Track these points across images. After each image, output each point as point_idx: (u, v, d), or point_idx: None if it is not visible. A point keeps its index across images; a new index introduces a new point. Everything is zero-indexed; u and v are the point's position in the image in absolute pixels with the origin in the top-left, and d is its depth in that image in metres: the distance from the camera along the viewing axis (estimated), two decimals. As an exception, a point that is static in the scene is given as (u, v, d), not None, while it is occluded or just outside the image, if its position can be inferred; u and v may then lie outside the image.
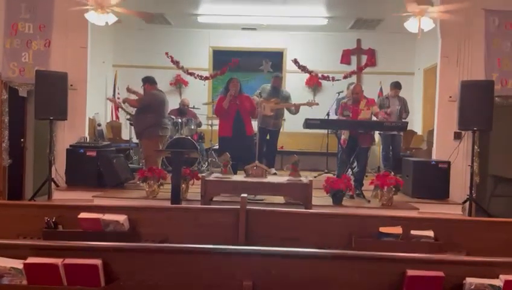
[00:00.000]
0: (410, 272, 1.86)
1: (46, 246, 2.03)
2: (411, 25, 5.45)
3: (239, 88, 5.81)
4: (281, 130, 7.48)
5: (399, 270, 1.90)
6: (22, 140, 6.52)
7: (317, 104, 7.06)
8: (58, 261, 1.90)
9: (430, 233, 2.74)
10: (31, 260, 1.91)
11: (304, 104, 6.87)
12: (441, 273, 1.86)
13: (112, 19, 5.59)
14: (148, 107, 6.00)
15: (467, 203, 5.68)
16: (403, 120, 6.84)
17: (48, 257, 1.92)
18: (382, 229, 2.76)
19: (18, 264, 1.91)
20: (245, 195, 2.90)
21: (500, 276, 1.88)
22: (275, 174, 6.28)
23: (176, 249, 2.01)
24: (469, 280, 1.85)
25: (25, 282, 1.91)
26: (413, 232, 2.75)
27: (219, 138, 6.08)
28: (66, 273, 1.90)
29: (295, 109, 6.82)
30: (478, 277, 1.88)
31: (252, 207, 2.88)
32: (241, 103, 5.81)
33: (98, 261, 1.91)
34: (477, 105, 5.61)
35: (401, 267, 1.90)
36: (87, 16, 5.55)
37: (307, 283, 1.95)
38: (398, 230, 2.75)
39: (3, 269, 1.91)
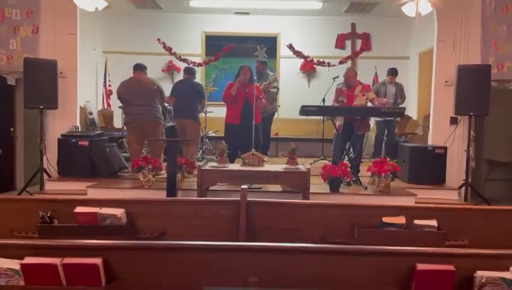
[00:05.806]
0: (420, 267, 1.83)
1: (44, 246, 1.95)
2: (409, 9, 5.36)
3: (249, 76, 5.68)
4: (275, 116, 7.42)
5: (408, 264, 1.86)
6: (11, 129, 6.39)
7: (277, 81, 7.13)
8: (56, 260, 1.83)
9: (433, 222, 2.71)
10: (29, 260, 1.84)
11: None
12: (451, 267, 1.82)
13: (101, 4, 5.41)
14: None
15: (463, 188, 5.69)
16: (399, 106, 6.84)
17: (46, 256, 1.85)
18: (385, 219, 2.71)
19: (15, 264, 1.84)
20: (245, 186, 2.83)
21: (511, 268, 1.85)
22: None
23: (179, 246, 1.95)
24: (479, 273, 1.82)
25: (22, 283, 1.84)
26: (416, 221, 2.72)
27: (225, 124, 5.92)
28: (65, 273, 1.84)
29: (265, 88, 6.74)
30: (488, 269, 1.85)
31: (252, 199, 2.82)
32: (250, 92, 5.67)
33: (98, 260, 1.84)
34: (473, 90, 5.57)
35: (410, 262, 1.86)
36: (75, 1, 5.37)
37: (315, 278, 1.90)
38: (401, 220, 2.71)
39: (0, 270, 1.84)
